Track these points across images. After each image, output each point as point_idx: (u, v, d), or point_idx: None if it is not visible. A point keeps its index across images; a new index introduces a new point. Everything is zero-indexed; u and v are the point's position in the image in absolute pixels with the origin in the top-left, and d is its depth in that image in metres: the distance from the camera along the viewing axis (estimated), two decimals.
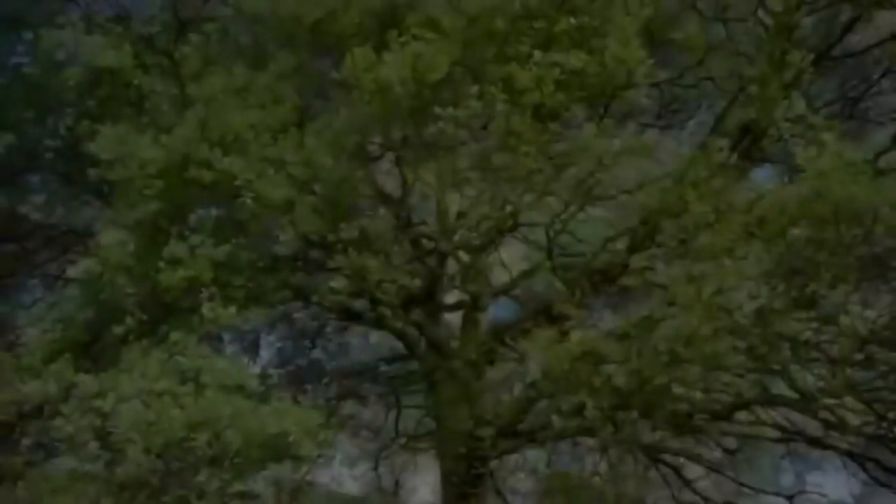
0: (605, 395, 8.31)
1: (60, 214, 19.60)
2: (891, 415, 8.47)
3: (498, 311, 23.56)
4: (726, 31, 14.67)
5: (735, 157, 12.70)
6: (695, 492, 21.95)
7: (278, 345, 23.11)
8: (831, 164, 9.10)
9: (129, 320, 12.19)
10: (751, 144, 15.60)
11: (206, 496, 10.17)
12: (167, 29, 17.00)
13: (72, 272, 13.53)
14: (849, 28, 16.97)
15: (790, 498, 20.09)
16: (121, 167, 12.33)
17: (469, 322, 15.40)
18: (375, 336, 20.49)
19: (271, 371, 21.74)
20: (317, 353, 22.58)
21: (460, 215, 10.66)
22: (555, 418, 8.38)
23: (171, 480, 10.13)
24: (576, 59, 11.70)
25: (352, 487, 24.19)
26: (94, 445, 10.26)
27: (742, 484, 22.25)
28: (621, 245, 11.69)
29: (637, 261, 10.35)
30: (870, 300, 9.37)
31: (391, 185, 15.33)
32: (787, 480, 24.08)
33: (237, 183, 11.97)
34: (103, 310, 13.14)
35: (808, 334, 8.51)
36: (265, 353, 24.11)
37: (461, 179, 11.18)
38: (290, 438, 10.41)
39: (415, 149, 12.23)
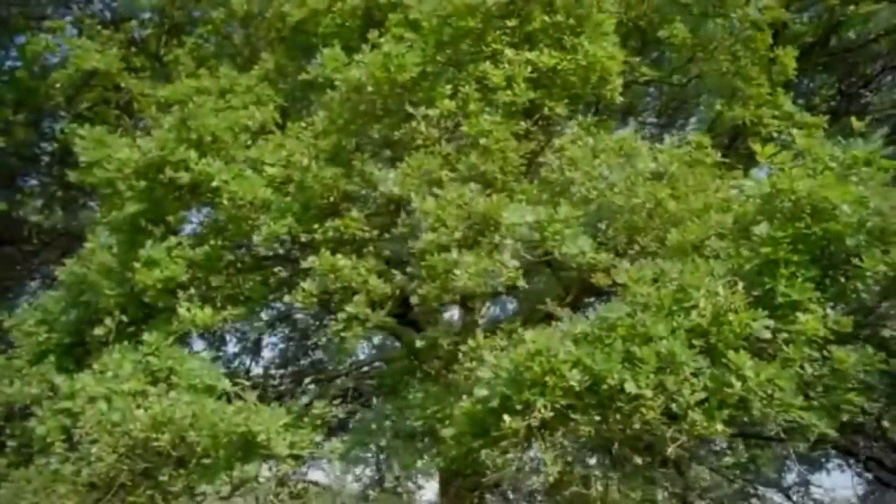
0: (557, 394, 8.25)
1: (59, 217, 19.92)
2: (846, 416, 8.34)
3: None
4: (716, 28, 14.46)
5: (717, 154, 12.61)
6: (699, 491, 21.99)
7: (281, 345, 23.31)
8: (790, 160, 9.03)
9: (108, 321, 12.26)
10: (742, 143, 15.54)
11: (172, 496, 10.22)
12: (160, 31, 17.21)
13: (60, 274, 13.59)
14: (839, 23, 16.85)
15: (788, 496, 20.04)
16: (99, 169, 12.42)
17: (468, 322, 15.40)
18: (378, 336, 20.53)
19: (273, 371, 21.99)
20: (319, 353, 22.72)
21: (430, 215, 10.61)
22: (507, 417, 8.30)
23: (139, 481, 10.18)
24: (548, 57, 11.66)
25: (355, 488, 24.27)
26: (61, 446, 10.34)
27: (746, 482, 22.20)
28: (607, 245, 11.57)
29: (605, 260, 10.24)
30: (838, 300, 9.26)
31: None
32: (791, 480, 24.06)
33: (214, 184, 12.02)
34: (87, 311, 13.27)
35: (766, 333, 8.39)
36: (268, 354, 24.21)
37: (432, 179, 11.15)
38: (260, 438, 10.42)
39: (390, 148, 12.25)
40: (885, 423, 8.95)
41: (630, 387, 8.12)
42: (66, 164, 16.56)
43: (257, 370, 21.80)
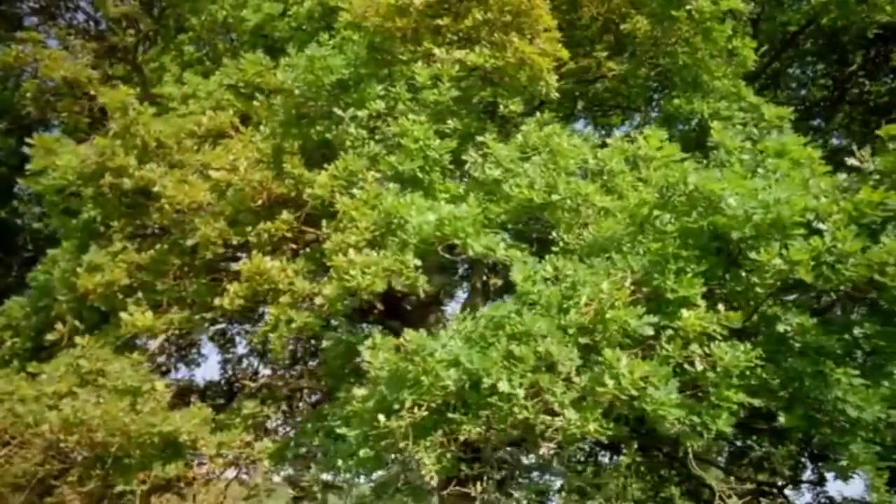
0: (435, 394, 8.20)
1: (56, 224, 20.34)
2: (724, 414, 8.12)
3: None
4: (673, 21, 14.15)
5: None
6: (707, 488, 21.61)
7: (290, 346, 23.44)
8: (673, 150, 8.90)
9: (59, 326, 12.53)
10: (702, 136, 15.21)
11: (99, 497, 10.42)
12: (137, 39, 17.51)
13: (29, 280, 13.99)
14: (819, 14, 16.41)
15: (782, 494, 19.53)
16: (44, 177, 12.71)
17: None
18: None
19: (281, 372, 22.18)
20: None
21: (345, 215, 10.67)
22: (381, 417, 8.29)
23: (65, 479, 10.39)
24: (476, 56, 11.58)
25: (364, 487, 24.38)
26: None
27: (757, 482, 21.73)
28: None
29: (518, 258, 10.11)
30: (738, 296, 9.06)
31: None
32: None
33: (155, 189, 12.18)
34: (48, 316, 13.59)
35: (648, 330, 8.23)
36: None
37: (358, 180, 11.18)
38: (182, 438, 10.56)
39: (326, 150, 12.30)
40: (781, 420, 8.64)
41: (503, 386, 8.03)
42: None
43: (266, 371, 22.00)
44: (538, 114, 12.73)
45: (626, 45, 16.87)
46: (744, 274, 8.81)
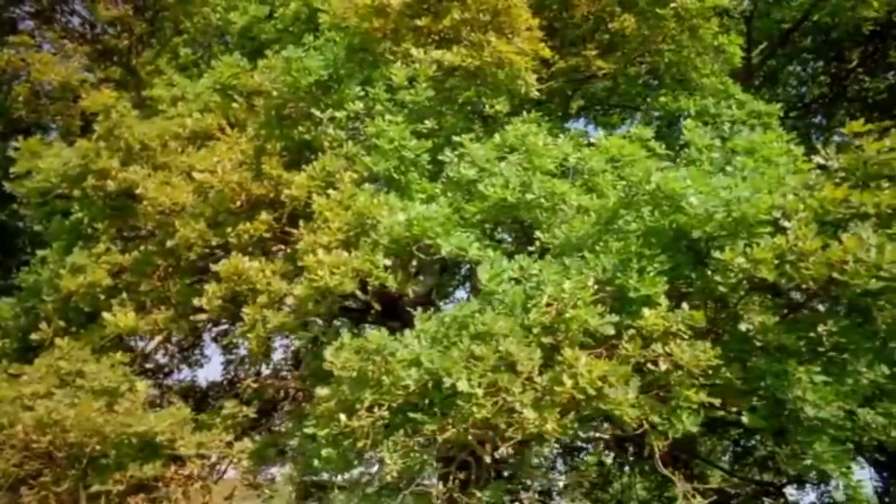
0: (396, 394, 8.23)
1: (49, 226, 20.47)
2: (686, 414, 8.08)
3: None
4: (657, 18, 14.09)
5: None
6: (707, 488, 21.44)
7: (292, 347, 23.49)
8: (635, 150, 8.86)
9: (43, 326, 12.63)
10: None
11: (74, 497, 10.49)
12: (129, 42, 17.64)
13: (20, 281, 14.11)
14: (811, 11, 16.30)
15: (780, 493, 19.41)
16: (28, 180, 12.82)
17: None
18: None
19: (284, 373, 22.23)
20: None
21: (319, 216, 10.70)
22: (342, 416, 8.32)
23: (40, 480, 10.47)
24: (452, 55, 11.58)
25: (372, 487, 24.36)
26: None
27: (758, 482, 21.59)
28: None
29: (494, 257, 10.10)
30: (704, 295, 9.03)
31: None
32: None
33: (138, 191, 12.26)
34: (36, 318, 13.69)
35: (609, 329, 8.22)
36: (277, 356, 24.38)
37: (335, 181, 11.22)
38: (159, 439, 10.62)
39: (307, 151, 12.34)
40: (745, 420, 8.59)
41: (462, 385, 8.05)
42: None
43: (266, 371, 22.00)
44: (524, 113, 12.68)
45: (618, 43, 16.84)
46: (710, 273, 8.77)
